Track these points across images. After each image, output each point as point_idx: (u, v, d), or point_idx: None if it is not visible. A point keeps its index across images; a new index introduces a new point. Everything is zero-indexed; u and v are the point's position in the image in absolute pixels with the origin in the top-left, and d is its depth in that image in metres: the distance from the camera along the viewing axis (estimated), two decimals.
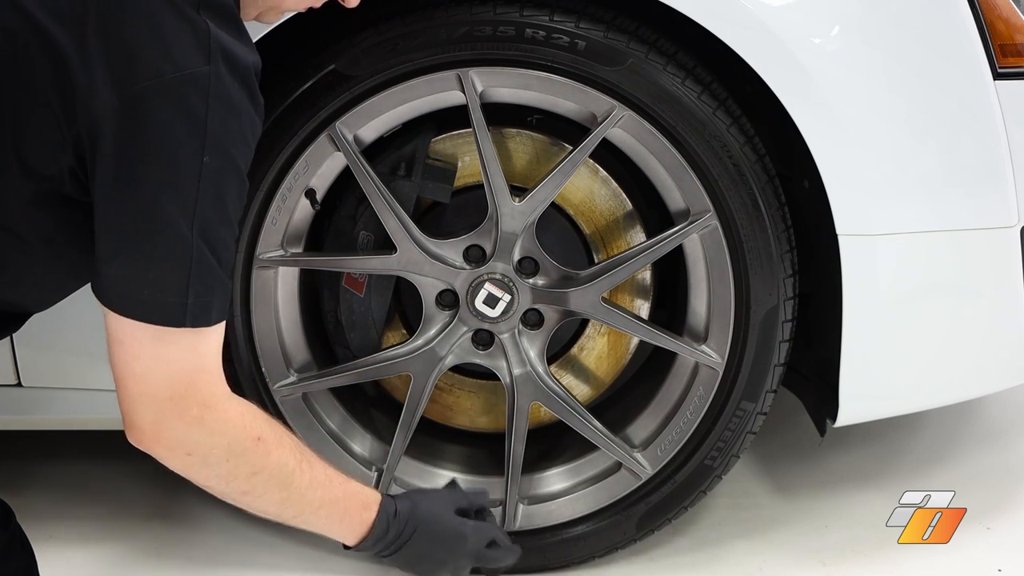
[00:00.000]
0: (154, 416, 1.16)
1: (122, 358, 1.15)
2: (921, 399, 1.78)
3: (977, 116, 1.56)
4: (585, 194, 1.72)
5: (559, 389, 1.71)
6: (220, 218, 1.11)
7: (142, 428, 1.17)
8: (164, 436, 1.18)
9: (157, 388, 1.15)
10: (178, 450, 1.19)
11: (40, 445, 2.13)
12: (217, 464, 1.22)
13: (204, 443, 1.20)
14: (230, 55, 1.09)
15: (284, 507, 1.31)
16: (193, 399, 1.17)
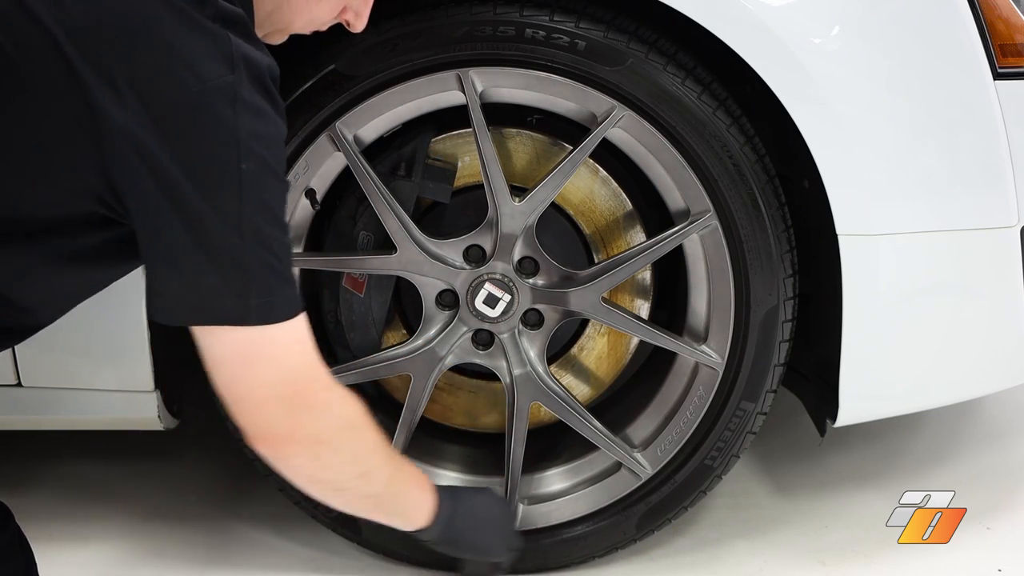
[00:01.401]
0: (284, 417, 1.18)
1: (228, 373, 1.16)
2: (921, 399, 1.78)
3: (977, 116, 1.56)
4: (585, 194, 1.72)
5: (559, 389, 1.71)
6: (267, 219, 1.12)
7: (275, 433, 1.19)
8: (296, 432, 1.19)
9: (277, 389, 1.17)
10: (309, 441, 1.20)
11: (40, 445, 2.13)
12: (345, 445, 1.25)
13: (333, 426, 1.22)
14: (251, 62, 1.10)
15: (390, 483, 1.34)
16: (314, 387, 1.19)
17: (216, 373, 1.17)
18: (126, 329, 1.63)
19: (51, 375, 1.68)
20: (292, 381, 1.17)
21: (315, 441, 1.21)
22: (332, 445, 1.23)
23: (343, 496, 1.31)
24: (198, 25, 1.08)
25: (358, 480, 1.29)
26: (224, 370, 1.16)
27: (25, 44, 1.05)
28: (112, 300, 1.61)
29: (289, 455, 1.22)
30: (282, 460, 1.22)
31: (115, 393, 1.69)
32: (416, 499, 1.41)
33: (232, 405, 1.18)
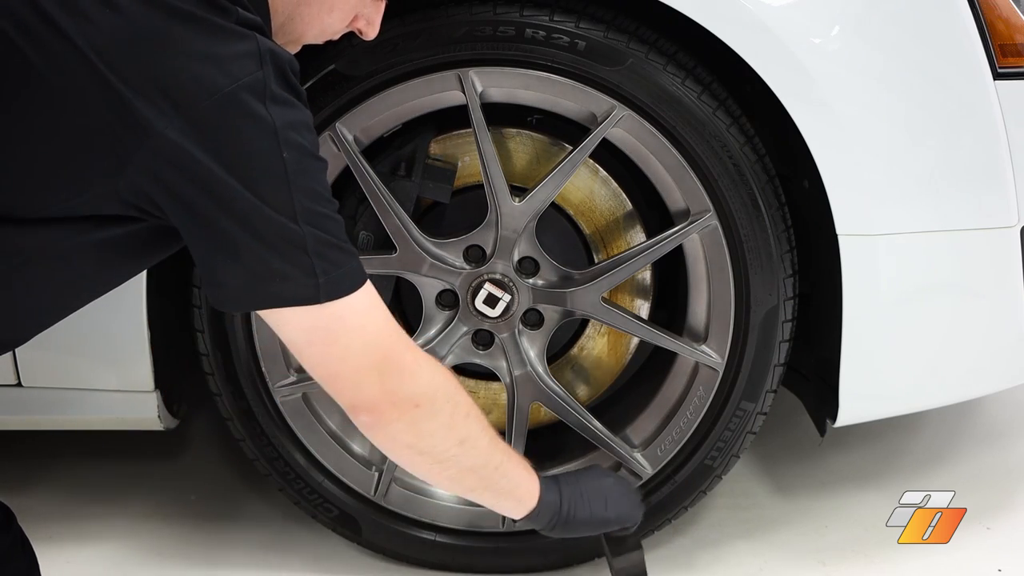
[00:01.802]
0: (379, 382, 1.21)
1: (317, 353, 1.19)
2: (921, 399, 1.78)
3: (977, 116, 1.56)
4: (585, 194, 1.72)
5: (559, 389, 1.71)
6: (316, 200, 1.14)
7: (374, 401, 1.22)
8: (394, 397, 1.22)
9: (366, 357, 1.20)
10: (408, 406, 1.23)
11: (40, 445, 2.13)
12: (441, 408, 1.26)
13: (427, 387, 1.24)
14: (276, 56, 1.13)
15: (491, 454, 1.34)
16: (399, 349, 1.22)
17: (302, 355, 1.20)
18: (126, 329, 1.63)
19: (51, 375, 1.68)
20: (378, 347, 1.20)
21: (412, 404, 1.23)
22: (429, 408, 1.25)
23: (447, 469, 1.31)
24: (224, 29, 1.10)
25: (459, 448, 1.30)
26: (310, 352, 1.20)
27: (56, 61, 1.07)
28: (112, 300, 1.61)
29: (389, 421, 1.23)
30: (382, 428, 1.24)
31: (115, 393, 1.69)
32: (520, 475, 1.39)
33: (325, 384, 1.22)
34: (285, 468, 1.75)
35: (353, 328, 1.18)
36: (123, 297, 1.60)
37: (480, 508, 1.77)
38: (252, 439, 1.73)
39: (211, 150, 1.08)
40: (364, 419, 1.24)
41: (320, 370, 1.21)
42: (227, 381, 1.70)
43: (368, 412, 1.23)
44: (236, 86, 1.08)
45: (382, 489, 1.75)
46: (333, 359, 1.20)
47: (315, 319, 1.16)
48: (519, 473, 1.39)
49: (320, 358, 1.20)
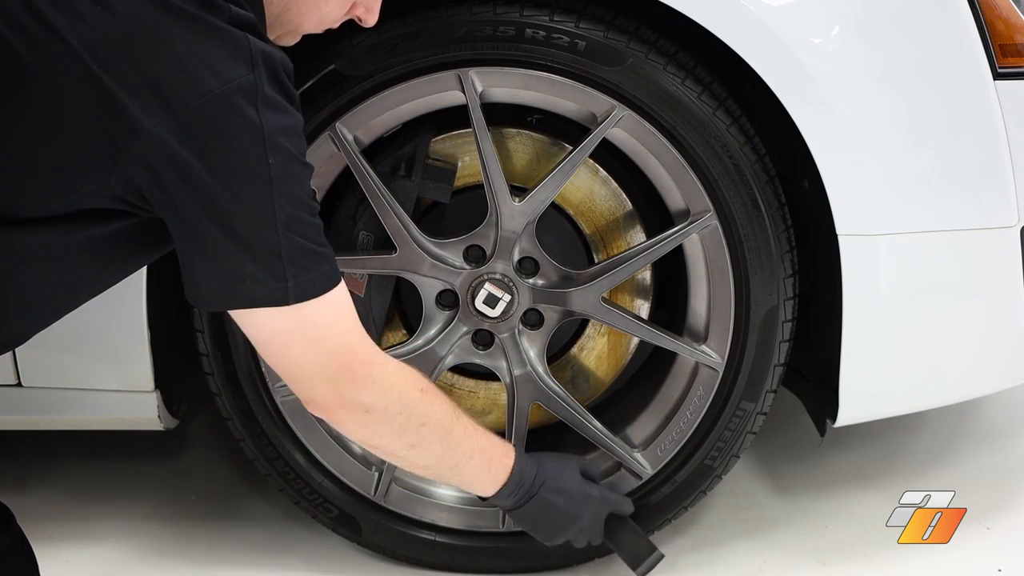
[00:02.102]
0: (329, 389, 1.25)
1: (275, 354, 1.23)
2: (921, 399, 1.78)
3: (977, 116, 1.56)
4: (585, 194, 1.72)
5: (559, 389, 1.71)
6: (298, 207, 1.15)
7: (325, 402, 1.26)
8: (345, 402, 1.26)
9: (321, 364, 1.23)
10: (358, 411, 1.27)
11: (40, 445, 2.13)
12: (392, 417, 1.30)
13: (379, 398, 1.28)
14: (268, 58, 1.13)
15: (444, 458, 1.39)
16: (356, 361, 1.25)
17: (263, 353, 1.25)
18: (126, 329, 1.63)
19: (51, 375, 1.68)
20: (335, 358, 1.23)
21: (362, 410, 1.28)
22: (379, 416, 1.29)
23: (400, 462, 1.39)
24: (216, 29, 1.10)
25: (409, 450, 1.35)
26: (269, 351, 1.23)
27: (51, 61, 1.08)
28: (112, 300, 1.61)
29: (340, 420, 1.29)
30: (335, 424, 1.30)
31: (115, 393, 1.69)
32: (477, 476, 1.45)
33: (283, 378, 1.27)
34: (285, 468, 1.74)
35: (313, 338, 1.21)
36: (123, 297, 1.60)
37: (480, 508, 1.78)
38: (252, 439, 1.73)
39: (198, 151, 1.09)
40: (315, 412, 1.29)
41: (276, 367, 1.26)
42: (227, 381, 1.70)
43: (319, 409, 1.28)
44: (227, 88, 1.08)
45: (382, 489, 1.75)
46: (290, 361, 1.24)
47: (278, 321, 1.18)
48: (475, 474, 1.45)
49: (276, 358, 1.24)
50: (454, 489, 1.81)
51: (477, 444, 1.43)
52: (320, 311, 1.19)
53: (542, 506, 1.51)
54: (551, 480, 1.51)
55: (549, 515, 1.52)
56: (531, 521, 1.53)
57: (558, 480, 1.52)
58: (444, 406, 1.38)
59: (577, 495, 1.54)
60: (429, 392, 1.36)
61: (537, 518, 1.52)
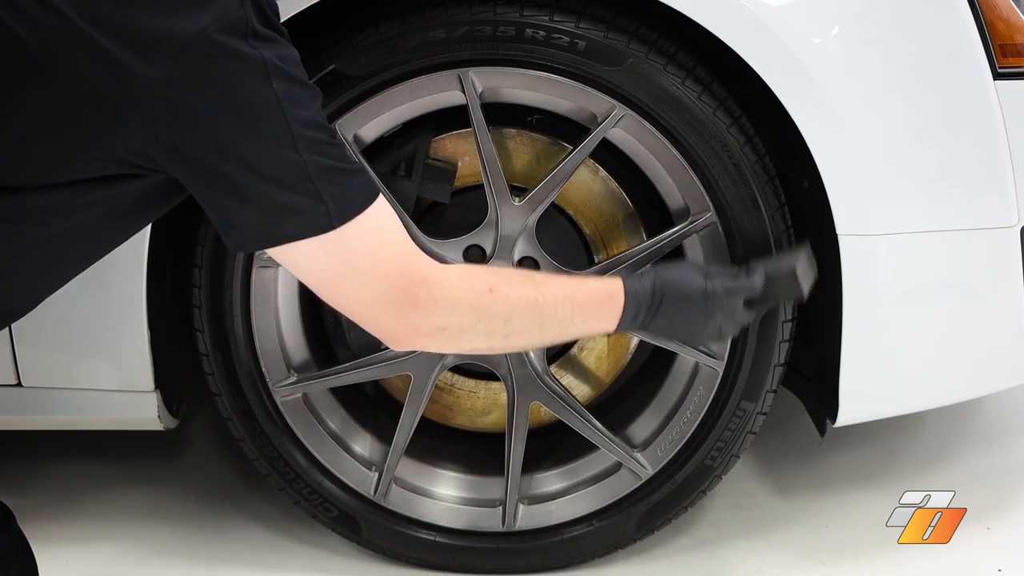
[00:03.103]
0: (396, 320, 1.21)
1: (331, 294, 1.21)
2: (921, 399, 1.78)
3: (977, 116, 1.56)
4: (585, 194, 1.72)
5: (559, 389, 1.71)
6: (313, 128, 1.13)
7: (395, 334, 1.23)
8: (416, 329, 1.23)
9: (379, 296, 1.19)
10: (433, 333, 1.24)
11: (40, 445, 2.13)
12: (472, 327, 1.26)
13: (450, 316, 1.24)
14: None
15: (544, 332, 1.35)
16: (413, 284, 1.21)
17: (321, 294, 1.22)
18: (126, 329, 1.63)
19: (51, 375, 1.68)
20: (392, 287, 1.20)
21: (439, 330, 1.24)
22: (457, 330, 1.25)
23: (506, 351, 1.35)
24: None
25: (506, 341, 1.31)
26: (326, 291, 1.21)
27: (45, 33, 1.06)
28: (112, 300, 1.61)
29: (423, 345, 1.26)
30: (420, 348, 1.27)
31: (115, 393, 1.69)
32: (588, 326, 1.39)
33: (350, 317, 1.23)
34: (285, 468, 1.75)
35: (365, 267, 1.18)
36: (123, 297, 1.60)
37: (480, 508, 1.78)
38: (252, 439, 1.73)
39: (200, 93, 1.07)
40: (394, 345, 1.26)
41: (339, 307, 1.23)
42: (227, 381, 1.70)
43: (394, 342, 1.25)
44: (218, 26, 1.07)
45: (382, 489, 1.75)
46: (348, 299, 1.21)
47: (329, 255, 1.16)
48: (586, 325, 1.39)
49: (336, 297, 1.21)
50: (454, 489, 1.81)
51: (575, 303, 1.36)
52: (364, 237, 1.16)
53: (670, 319, 1.42)
54: (671, 291, 1.42)
55: (681, 325, 1.44)
56: (665, 332, 1.45)
57: (678, 289, 1.42)
58: (521, 289, 1.31)
59: (699, 300, 1.43)
60: (499, 287, 1.28)
61: (671, 329, 1.45)
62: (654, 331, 1.44)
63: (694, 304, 1.43)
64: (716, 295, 1.44)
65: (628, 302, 1.39)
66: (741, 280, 1.47)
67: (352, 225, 1.15)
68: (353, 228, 1.15)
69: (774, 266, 1.49)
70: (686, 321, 1.44)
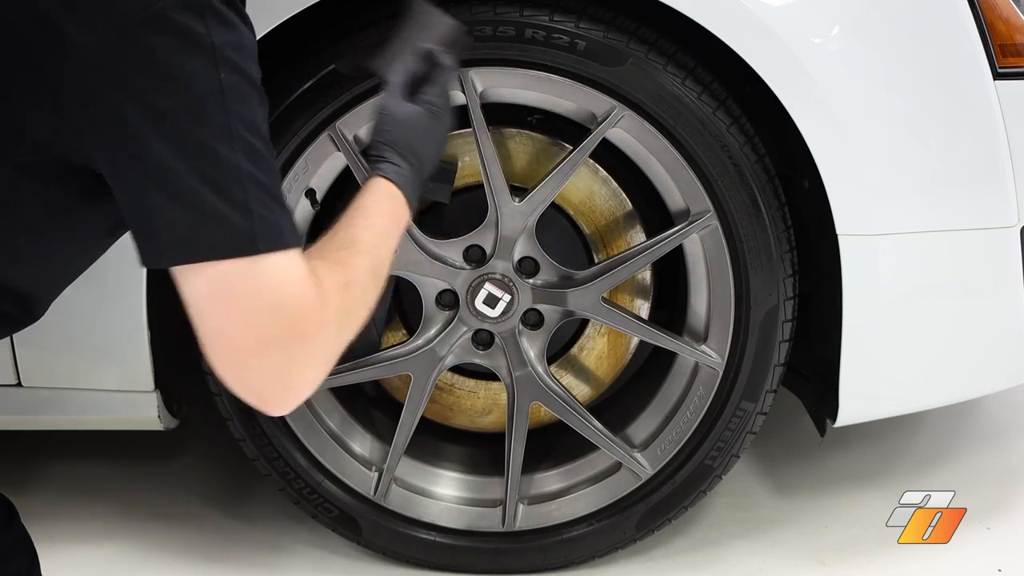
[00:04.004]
0: (279, 362, 1.04)
1: (214, 322, 1.03)
2: (921, 399, 1.78)
3: (977, 116, 1.56)
4: (585, 194, 1.72)
5: (559, 389, 1.71)
6: (256, 135, 1.04)
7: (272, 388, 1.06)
8: (300, 372, 1.06)
9: (271, 327, 1.02)
10: (318, 372, 1.08)
11: (40, 445, 2.13)
12: (347, 333, 1.12)
13: (330, 340, 1.08)
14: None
15: (381, 278, 1.21)
16: (305, 316, 1.05)
17: (198, 324, 1.03)
18: (126, 329, 1.63)
19: (51, 375, 1.68)
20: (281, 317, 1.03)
21: (325, 363, 1.09)
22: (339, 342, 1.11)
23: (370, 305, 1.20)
24: None
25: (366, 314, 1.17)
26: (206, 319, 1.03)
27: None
28: (112, 300, 1.61)
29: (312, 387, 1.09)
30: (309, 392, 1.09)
31: (115, 393, 1.69)
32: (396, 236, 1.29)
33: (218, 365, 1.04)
34: (285, 468, 1.75)
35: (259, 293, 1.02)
36: (123, 297, 1.60)
37: (480, 508, 1.78)
38: (252, 439, 1.73)
39: (143, 66, 1.00)
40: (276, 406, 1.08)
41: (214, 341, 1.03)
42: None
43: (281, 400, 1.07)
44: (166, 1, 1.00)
45: (382, 489, 1.75)
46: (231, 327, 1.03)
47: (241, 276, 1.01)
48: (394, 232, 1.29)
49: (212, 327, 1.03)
50: (454, 489, 1.81)
51: (382, 233, 1.25)
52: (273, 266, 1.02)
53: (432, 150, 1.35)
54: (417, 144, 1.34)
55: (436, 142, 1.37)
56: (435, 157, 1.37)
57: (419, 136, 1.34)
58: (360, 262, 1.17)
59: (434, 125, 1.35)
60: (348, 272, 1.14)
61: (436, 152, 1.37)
62: (428, 170, 1.36)
63: (433, 123, 1.35)
64: (440, 107, 1.36)
65: (402, 187, 1.31)
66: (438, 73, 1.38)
67: (273, 260, 1.01)
68: (271, 262, 1.01)
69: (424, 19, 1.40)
70: (439, 136, 1.36)
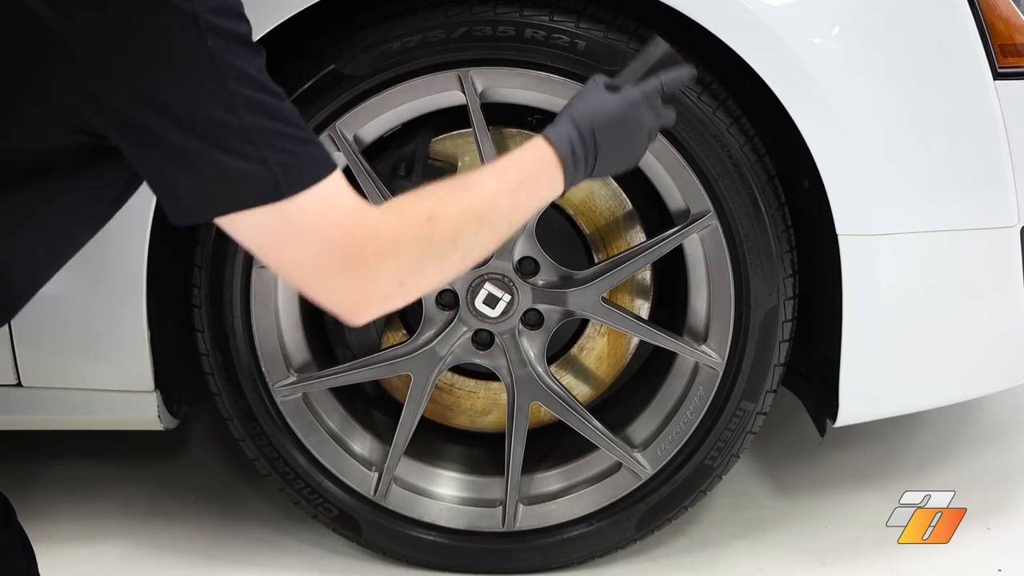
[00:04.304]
0: (348, 285, 1.10)
1: (279, 261, 1.09)
2: (921, 399, 1.78)
3: (977, 116, 1.56)
4: (585, 194, 1.72)
5: (559, 389, 1.71)
6: (254, 88, 1.04)
7: (351, 305, 1.12)
8: (373, 292, 1.11)
9: (326, 261, 1.08)
10: (394, 291, 1.13)
11: (39, 445, 2.13)
12: (426, 265, 1.15)
13: (402, 266, 1.12)
14: None
15: (497, 232, 1.22)
16: (359, 244, 1.09)
17: (268, 262, 1.11)
18: (126, 329, 1.63)
19: (51, 375, 1.68)
20: (333, 249, 1.08)
21: (398, 285, 1.12)
22: (414, 274, 1.14)
23: (464, 269, 1.21)
24: None
25: (462, 262, 1.19)
26: (272, 258, 1.10)
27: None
28: (112, 300, 1.61)
29: (381, 310, 1.14)
30: (378, 313, 1.14)
31: (115, 393, 1.69)
32: (535, 200, 1.27)
33: (300, 289, 1.14)
34: (285, 468, 1.75)
35: (306, 230, 1.07)
36: (123, 297, 1.60)
37: (480, 508, 1.78)
38: (252, 439, 1.73)
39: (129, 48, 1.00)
40: (353, 318, 1.14)
41: (289, 278, 1.12)
42: (227, 381, 1.70)
43: (354, 316, 1.14)
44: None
45: (382, 489, 1.75)
46: (293, 267, 1.09)
47: (276, 224, 1.05)
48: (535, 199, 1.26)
49: (280, 264, 1.10)
50: (454, 489, 1.81)
51: (512, 186, 1.24)
52: (317, 210, 1.06)
53: (612, 151, 1.32)
54: (598, 121, 1.31)
55: (625, 150, 1.34)
56: (612, 166, 1.34)
57: (603, 117, 1.31)
58: (460, 203, 1.18)
59: (627, 116, 1.33)
60: (435, 210, 1.15)
61: (616, 161, 1.34)
62: (601, 170, 1.33)
63: (625, 123, 1.33)
64: (637, 101, 1.34)
65: (561, 153, 1.27)
66: (648, 78, 1.37)
67: (303, 197, 1.05)
68: (304, 201, 1.05)
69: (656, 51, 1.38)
70: (627, 143, 1.34)
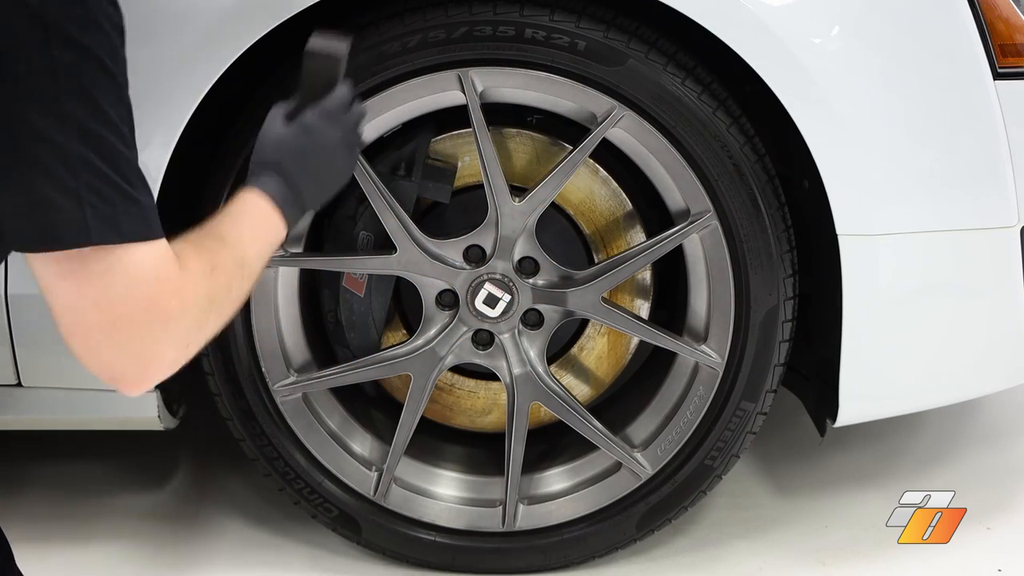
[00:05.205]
0: (140, 336, 1.02)
1: (62, 301, 1.01)
2: (921, 399, 1.78)
3: (977, 116, 1.56)
4: (585, 194, 1.72)
5: (559, 389, 1.71)
6: (97, 120, 0.96)
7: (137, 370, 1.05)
8: (163, 354, 1.04)
9: (124, 306, 1.00)
10: (182, 348, 1.06)
11: (38, 445, 2.13)
12: (216, 317, 1.11)
13: (197, 319, 1.07)
14: None
15: (251, 280, 1.21)
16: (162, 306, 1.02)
17: (52, 310, 1.02)
18: None
19: (51, 375, 1.68)
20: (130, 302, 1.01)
21: (184, 345, 1.06)
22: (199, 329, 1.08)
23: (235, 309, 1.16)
24: None
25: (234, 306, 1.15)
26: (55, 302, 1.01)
27: None
28: None
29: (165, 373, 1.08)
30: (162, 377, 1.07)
31: (115, 393, 1.68)
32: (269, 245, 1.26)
33: (69, 344, 1.05)
34: (285, 468, 1.74)
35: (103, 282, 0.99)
36: None
37: (480, 508, 1.77)
38: (252, 439, 1.73)
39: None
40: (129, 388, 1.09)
41: (63, 327, 1.04)
42: (227, 381, 1.70)
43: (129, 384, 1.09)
44: None
45: (382, 489, 1.75)
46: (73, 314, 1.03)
47: (61, 259, 0.97)
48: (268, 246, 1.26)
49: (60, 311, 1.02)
50: (454, 489, 1.81)
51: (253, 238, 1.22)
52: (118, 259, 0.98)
53: (313, 180, 1.31)
54: (288, 159, 1.29)
55: (323, 172, 1.33)
56: (323, 192, 1.34)
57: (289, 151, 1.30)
58: (226, 252, 1.15)
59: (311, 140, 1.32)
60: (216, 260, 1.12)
61: (324, 184, 1.33)
62: (314, 200, 1.32)
63: (313, 150, 1.31)
64: (315, 125, 1.32)
65: (277, 202, 1.26)
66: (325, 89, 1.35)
67: (115, 254, 0.97)
68: (114, 258, 0.97)
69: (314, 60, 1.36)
70: (324, 168, 1.32)
